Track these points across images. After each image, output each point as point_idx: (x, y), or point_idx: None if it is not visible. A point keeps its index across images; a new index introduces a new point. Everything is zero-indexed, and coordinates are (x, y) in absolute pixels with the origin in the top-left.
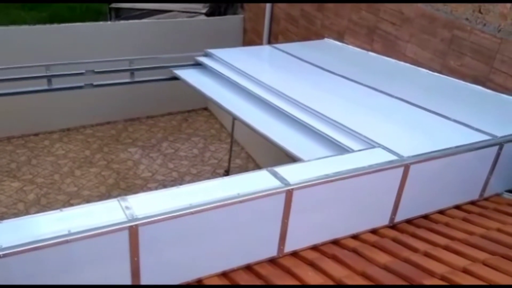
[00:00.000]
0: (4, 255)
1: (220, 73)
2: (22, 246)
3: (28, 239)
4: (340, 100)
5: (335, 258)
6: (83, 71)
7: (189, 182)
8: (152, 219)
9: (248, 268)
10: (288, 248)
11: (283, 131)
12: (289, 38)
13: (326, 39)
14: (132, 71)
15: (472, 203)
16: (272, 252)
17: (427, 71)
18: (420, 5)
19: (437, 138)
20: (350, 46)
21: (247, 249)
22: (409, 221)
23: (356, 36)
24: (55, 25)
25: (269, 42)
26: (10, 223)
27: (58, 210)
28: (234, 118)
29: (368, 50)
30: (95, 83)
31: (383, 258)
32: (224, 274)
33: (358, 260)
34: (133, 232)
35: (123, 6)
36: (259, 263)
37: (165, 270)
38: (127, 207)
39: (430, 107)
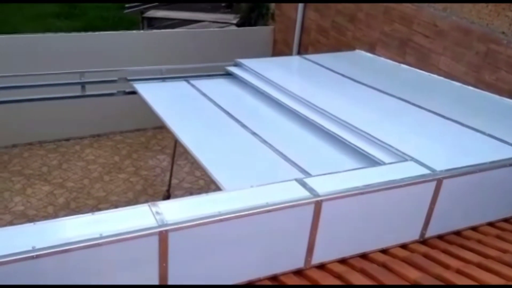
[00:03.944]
0: (37, 256)
1: (250, 82)
2: (55, 247)
3: (60, 241)
4: (372, 112)
5: (363, 272)
6: (116, 79)
7: (214, 190)
8: (182, 225)
9: (274, 278)
10: (316, 260)
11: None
12: (319, 49)
13: (357, 51)
14: (163, 79)
15: (506, 220)
16: (299, 263)
17: (461, 84)
18: (454, 17)
19: (471, 152)
20: (382, 58)
21: (274, 259)
22: (440, 237)
23: (388, 48)
24: (89, 33)
25: (299, 53)
26: (43, 225)
27: (90, 214)
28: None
29: (400, 62)
30: (127, 90)
31: (413, 273)
32: (250, 284)
33: (388, 275)
34: (163, 237)
35: (156, 15)
36: (285, 274)
37: (192, 276)
38: (157, 213)
39: (464, 121)
